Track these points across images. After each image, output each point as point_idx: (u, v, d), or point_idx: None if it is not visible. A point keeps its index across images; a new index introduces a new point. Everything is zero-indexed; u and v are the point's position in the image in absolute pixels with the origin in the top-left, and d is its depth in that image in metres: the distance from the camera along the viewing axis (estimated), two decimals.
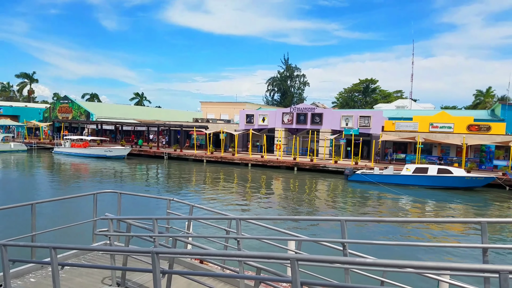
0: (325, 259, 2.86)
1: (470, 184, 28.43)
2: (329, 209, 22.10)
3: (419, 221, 4.29)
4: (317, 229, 16.66)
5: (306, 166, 37.92)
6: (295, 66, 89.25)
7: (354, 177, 31.28)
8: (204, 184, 29.31)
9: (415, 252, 12.81)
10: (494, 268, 2.33)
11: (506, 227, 17.57)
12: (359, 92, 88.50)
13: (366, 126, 40.66)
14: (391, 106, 63.02)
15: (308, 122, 43.75)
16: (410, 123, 40.00)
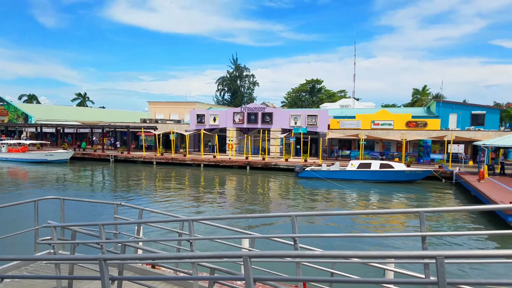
0: (276, 254, 2.93)
1: (410, 177, 30.42)
2: (281, 205, 22.53)
3: (363, 213, 4.56)
4: (270, 225, 16.92)
5: (258, 165, 38.31)
6: (244, 66, 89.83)
7: (303, 174, 32.16)
8: (155, 187, 28.53)
9: (362, 244, 13.47)
10: (431, 254, 2.53)
11: (442, 216, 19.05)
12: (306, 92, 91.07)
13: (314, 125, 41.98)
14: (335, 105, 65.59)
15: (259, 121, 44.23)
16: (353, 121, 41.99)
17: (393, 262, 5.55)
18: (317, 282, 3.21)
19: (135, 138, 52.04)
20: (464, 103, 46.73)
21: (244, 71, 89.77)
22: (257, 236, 5.63)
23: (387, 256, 2.69)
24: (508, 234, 4.65)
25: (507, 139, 28.29)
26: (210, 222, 7.09)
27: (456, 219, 18.81)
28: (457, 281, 2.72)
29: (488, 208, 4.77)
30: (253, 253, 2.97)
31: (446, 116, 42.49)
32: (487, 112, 41.96)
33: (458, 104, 45.04)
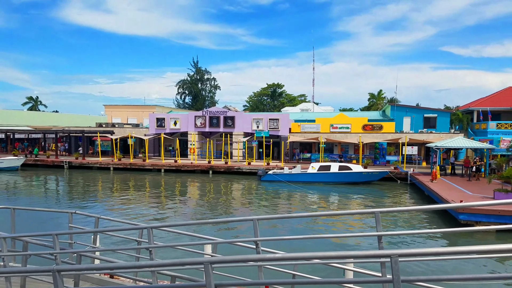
0: (237, 259, 2.93)
1: (367, 178, 31.55)
2: (244, 209, 22.53)
3: (322, 214, 4.69)
4: (234, 230, 16.86)
5: (221, 169, 38.10)
6: (205, 69, 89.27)
7: (266, 177, 32.40)
8: (112, 194, 27.53)
9: (323, 245, 13.76)
10: (386, 253, 2.63)
11: (399, 215, 19.91)
12: (267, 96, 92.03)
13: (275, 128, 42.47)
14: (296, 109, 66.82)
15: (221, 125, 44.06)
16: (313, 124, 42.99)
17: (352, 262, 5.72)
18: (279, 284, 3.23)
19: (90, 143, 50.01)
20: (417, 107, 49.26)
21: (205, 74, 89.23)
22: (219, 242, 5.58)
23: (345, 256, 2.76)
24: (459, 232, 4.93)
25: (457, 141, 30.12)
26: (171, 229, 6.94)
27: (412, 218, 19.72)
28: (411, 278, 2.85)
29: (440, 207, 5.04)
30: (214, 259, 2.94)
31: (400, 119, 44.54)
32: (438, 115, 44.47)
33: (412, 107, 47.39)
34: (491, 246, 2.73)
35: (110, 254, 8.81)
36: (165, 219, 19.84)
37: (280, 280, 3.04)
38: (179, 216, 20.59)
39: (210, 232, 16.06)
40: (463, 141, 30.32)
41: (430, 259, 4.52)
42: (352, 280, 3.11)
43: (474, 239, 15.34)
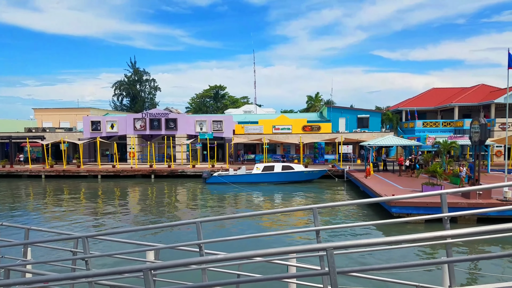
0: (179, 263, 2.90)
1: (308, 177, 32.71)
2: (189, 213, 22.18)
3: (264, 213, 4.80)
4: (177, 234, 16.51)
5: (164, 173, 37.12)
6: (144, 70, 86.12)
7: (211, 179, 32.20)
8: (44, 203, 25.57)
9: (268, 244, 14.02)
10: (322, 246, 2.79)
11: (337, 210, 20.89)
12: (210, 97, 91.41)
13: (219, 130, 42.40)
14: (239, 111, 67.24)
15: (163, 127, 42.95)
16: (256, 126, 43.63)
17: (295, 257, 5.92)
18: (223, 285, 3.26)
19: (19, 149, 46.00)
20: (351, 108, 52.01)
21: (144, 75, 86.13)
22: (161, 247, 5.47)
23: (285, 252, 2.87)
24: (391, 223, 5.32)
25: (387, 139, 32.32)
26: (109, 237, 6.65)
27: (350, 213, 20.82)
28: (346, 269, 3.04)
29: (372, 201, 5.40)
30: (154, 265, 2.89)
31: (336, 120, 46.77)
32: (371, 116, 47.40)
33: (346, 109, 49.99)
34: (417, 235, 3.00)
35: (43, 267, 8.21)
36: (103, 227, 18.88)
37: (223, 281, 3.07)
38: (119, 224, 19.71)
39: (153, 238, 15.60)
40: (393, 139, 32.63)
41: (363, 250, 4.84)
42: (292, 275, 3.23)
43: (406, 230, 16.59)
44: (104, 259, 11.95)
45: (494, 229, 2.92)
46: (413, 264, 3.18)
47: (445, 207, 4.54)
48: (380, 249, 4.90)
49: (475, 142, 21.32)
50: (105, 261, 11.93)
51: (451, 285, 4.40)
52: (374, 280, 5.74)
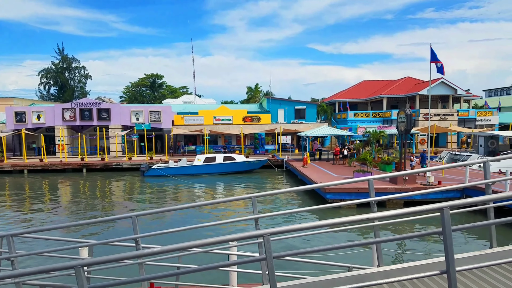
0: (112, 258, 2.82)
1: (250, 167, 33.15)
2: (126, 207, 21.36)
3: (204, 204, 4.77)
4: (115, 230, 15.86)
5: (97, 166, 35.22)
6: (73, 57, 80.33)
7: (150, 172, 31.24)
8: None
9: (208, 235, 14.02)
10: (259, 233, 2.89)
11: (277, 198, 21.51)
12: (146, 87, 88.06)
13: (157, 121, 41.13)
14: (178, 101, 65.78)
15: (95, 118, 40.60)
16: (196, 117, 43.03)
17: (236, 245, 6.02)
18: (161, 278, 3.23)
19: None
20: (289, 100, 53.41)
21: (73, 62, 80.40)
22: (94, 243, 5.24)
23: (222, 241, 2.93)
24: (325, 208, 5.63)
25: (322, 129, 33.80)
26: (37, 235, 6.21)
27: (288, 200, 21.55)
28: (282, 254, 3.18)
29: (308, 188, 5.67)
30: (86, 261, 2.78)
31: (275, 111, 47.75)
32: (307, 107, 49.08)
33: (285, 100, 51.19)
34: (346, 218, 3.22)
35: None
36: (30, 225, 17.51)
37: (159, 274, 3.03)
38: (48, 221, 18.41)
39: (86, 235, 14.83)
40: (327, 129, 34.22)
41: (298, 235, 5.08)
42: (229, 262, 3.30)
43: (339, 215, 17.61)
44: (36, 259, 11.21)
45: (414, 210, 3.23)
46: (344, 246, 3.41)
47: (372, 192, 4.91)
48: (314, 233, 5.17)
49: (401, 131, 23.10)
50: (38, 261, 11.17)
51: (379, 265, 4.80)
52: (310, 264, 6.06)
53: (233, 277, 6.59)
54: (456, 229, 3.17)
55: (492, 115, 45.97)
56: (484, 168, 5.11)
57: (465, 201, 3.35)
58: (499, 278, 4.07)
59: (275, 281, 2.95)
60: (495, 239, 4.93)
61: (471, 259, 4.56)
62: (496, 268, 4.31)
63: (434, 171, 19.86)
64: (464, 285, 3.99)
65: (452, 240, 3.01)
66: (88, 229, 15.73)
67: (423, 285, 4.15)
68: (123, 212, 20.47)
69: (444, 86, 44.17)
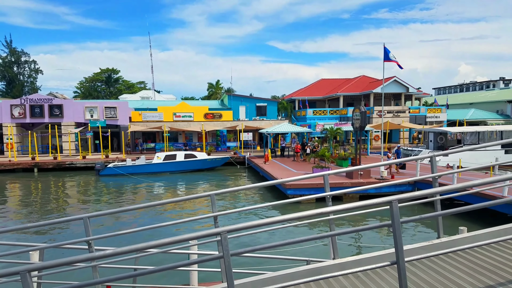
0: (62, 262, 2.70)
1: (211, 165, 32.91)
2: (80, 208, 20.47)
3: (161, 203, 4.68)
4: (68, 232, 15.16)
5: (49, 166, 33.44)
6: (22, 50, 75.61)
7: (106, 171, 30.13)
8: None
9: (168, 235, 13.79)
10: (216, 231, 2.89)
11: (238, 195, 21.54)
12: (101, 82, 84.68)
13: (113, 118, 39.70)
14: (136, 97, 63.90)
15: (46, 115, 38.50)
16: (155, 113, 42.01)
17: (196, 244, 5.97)
18: (118, 280, 3.14)
19: None
20: (250, 97, 53.58)
21: (23, 56, 75.68)
22: (45, 247, 4.99)
23: (180, 240, 2.89)
24: (286, 203, 5.73)
25: (283, 126, 34.26)
26: None
27: (251, 197, 21.66)
28: (240, 251, 3.20)
29: (267, 184, 5.73)
30: (33, 266, 2.64)
31: (237, 108, 47.74)
32: (268, 104, 49.49)
33: (246, 97, 51.32)
34: (303, 213, 3.30)
35: None
36: None
37: (113, 277, 2.94)
38: None
39: (39, 239, 14.07)
40: (288, 126, 34.74)
41: (256, 231, 5.13)
42: (186, 262, 3.27)
43: (299, 210, 17.95)
44: None
45: (365, 204, 3.37)
46: (301, 240, 3.49)
47: (327, 186, 5.06)
48: (272, 228, 5.25)
49: (356, 128, 23.93)
50: None
51: (334, 257, 4.96)
52: (272, 259, 6.15)
53: (194, 277, 6.55)
54: (404, 221, 3.35)
55: (441, 112, 48.79)
56: (431, 163, 5.42)
57: (412, 194, 3.54)
58: (445, 266, 4.33)
59: (232, 278, 2.96)
60: (442, 229, 5.25)
61: (420, 250, 4.82)
62: (443, 257, 4.58)
63: (389, 164, 20.73)
64: (414, 274, 4.21)
65: (401, 231, 3.17)
66: (40, 233, 14.93)
67: (376, 276, 4.34)
68: (77, 214, 19.59)
69: (397, 84, 46.24)
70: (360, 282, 4.23)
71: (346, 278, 4.33)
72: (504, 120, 51.60)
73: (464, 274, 4.03)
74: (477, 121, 49.04)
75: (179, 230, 14.26)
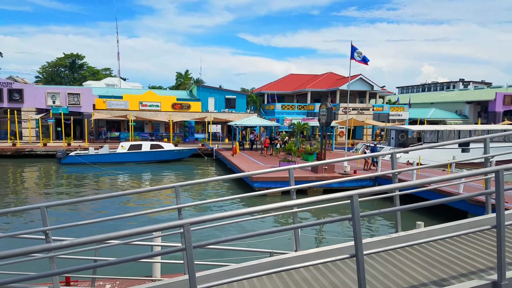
0: (16, 253, 2.58)
1: (178, 156, 32.46)
2: (38, 197, 19.63)
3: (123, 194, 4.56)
4: (22, 222, 14.50)
5: (7, 152, 31.73)
6: None
7: (68, 159, 29.00)
8: None
9: (129, 226, 13.53)
10: (179, 223, 2.87)
11: (206, 187, 21.43)
12: (65, 67, 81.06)
13: (76, 104, 38.20)
14: (101, 84, 61.73)
15: (5, 99, 36.45)
16: (121, 101, 40.79)
17: (160, 236, 5.90)
18: (77, 272, 3.05)
19: None
20: (220, 88, 53.15)
21: None
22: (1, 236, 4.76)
23: (142, 232, 2.85)
24: (252, 196, 5.77)
25: (252, 120, 34.30)
26: None
27: (217, 190, 21.61)
28: (203, 243, 3.20)
29: (233, 177, 5.75)
30: None
31: (205, 99, 47.23)
32: (237, 97, 49.31)
33: (215, 89, 50.88)
34: (267, 206, 3.34)
35: None
36: None
37: (72, 268, 2.86)
38: None
39: None
40: (256, 120, 34.84)
41: (220, 224, 5.14)
42: (148, 254, 3.24)
43: (265, 203, 18.12)
44: None
45: (327, 198, 3.46)
46: (265, 232, 3.54)
47: (292, 180, 5.16)
48: (237, 221, 5.29)
49: (323, 124, 24.38)
50: None
51: (296, 249, 5.07)
52: (236, 251, 6.19)
53: (157, 268, 6.49)
54: (364, 215, 3.47)
55: (403, 111, 50.64)
56: (391, 159, 5.64)
57: (373, 189, 3.67)
58: (402, 259, 4.53)
59: (194, 270, 2.96)
60: (400, 224, 5.49)
61: (378, 243, 5.02)
62: (400, 251, 4.79)
63: (352, 160, 21.30)
64: (372, 267, 4.38)
65: (361, 225, 3.28)
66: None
67: (336, 268, 4.48)
68: (35, 203, 18.78)
69: (362, 82, 47.45)
70: (320, 274, 4.35)
71: (307, 270, 4.44)
72: (462, 120, 54.34)
73: (419, 267, 4.24)
74: (437, 120, 51.33)
75: (144, 221, 14.02)
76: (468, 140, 7.43)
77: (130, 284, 6.32)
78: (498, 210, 3.58)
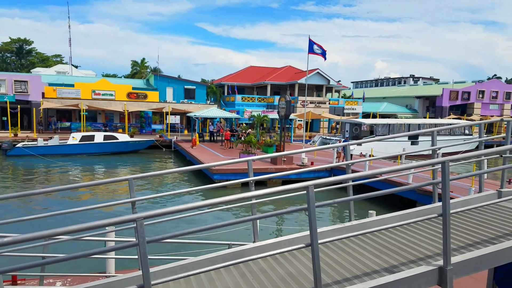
0: None
1: (134, 147, 31.48)
2: None
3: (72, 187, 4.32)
4: None
5: None
6: None
7: (14, 151, 27.21)
8: None
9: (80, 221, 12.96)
10: (132, 217, 2.78)
11: (165, 180, 21.00)
12: (11, 52, 75.56)
13: (24, 93, 35.83)
14: (51, 71, 58.22)
15: None
16: (72, 90, 38.75)
17: (113, 230, 5.71)
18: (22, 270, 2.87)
19: None
20: (179, 78, 52.02)
21: None
22: None
23: (92, 227, 2.73)
24: (211, 188, 5.72)
25: (212, 111, 34.03)
26: None
27: (177, 182, 21.25)
28: (157, 237, 3.12)
29: (192, 168, 5.67)
30: None
31: (163, 89, 45.99)
32: (197, 88, 48.54)
33: (174, 78, 49.69)
34: (225, 198, 3.31)
35: None
36: None
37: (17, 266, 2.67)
38: None
39: None
40: (216, 111, 34.60)
41: (175, 217, 5.07)
42: (99, 250, 3.11)
43: (226, 194, 18.09)
44: None
45: (284, 189, 3.50)
46: (222, 225, 3.52)
47: (251, 172, 5.18)
48: (194, 214, 5.24)
49: (282, 116, 24.69)
50: None
51: (255, 240, 5.11)
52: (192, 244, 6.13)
53: (110, 264, 6.30)
54: (319, 205, 3.55)
55: (357, 105, 52.43)
56: (345, 151, 5.82)
57: (327, 180, 3.77)
58: (355, 248, 4.71)
59: (148, 265, 2.89)
60: (353, 213, 5.70)
61: (333, 232, 5.19)
62: (353, 239, 4.96)
63: (309, 152, 21.78)
64: (327, 255, 4.52)
65: (317, 215, 3.36)
66: None
67: (293, 257, 4.58)
68: None
69: (319, 77, 48.48)
70: (277, 264, 4.42)
71: (265, 260, 4.50)
72: (411, 114, 57.27)
73: (371, 255, 4.43)
74: (388, 114, 53.71)
75: (99, 216, 13.50)
76: (417, 133, 7.84)
77: (83, 281, 6.09)
78: (444, 199, 3.81)
